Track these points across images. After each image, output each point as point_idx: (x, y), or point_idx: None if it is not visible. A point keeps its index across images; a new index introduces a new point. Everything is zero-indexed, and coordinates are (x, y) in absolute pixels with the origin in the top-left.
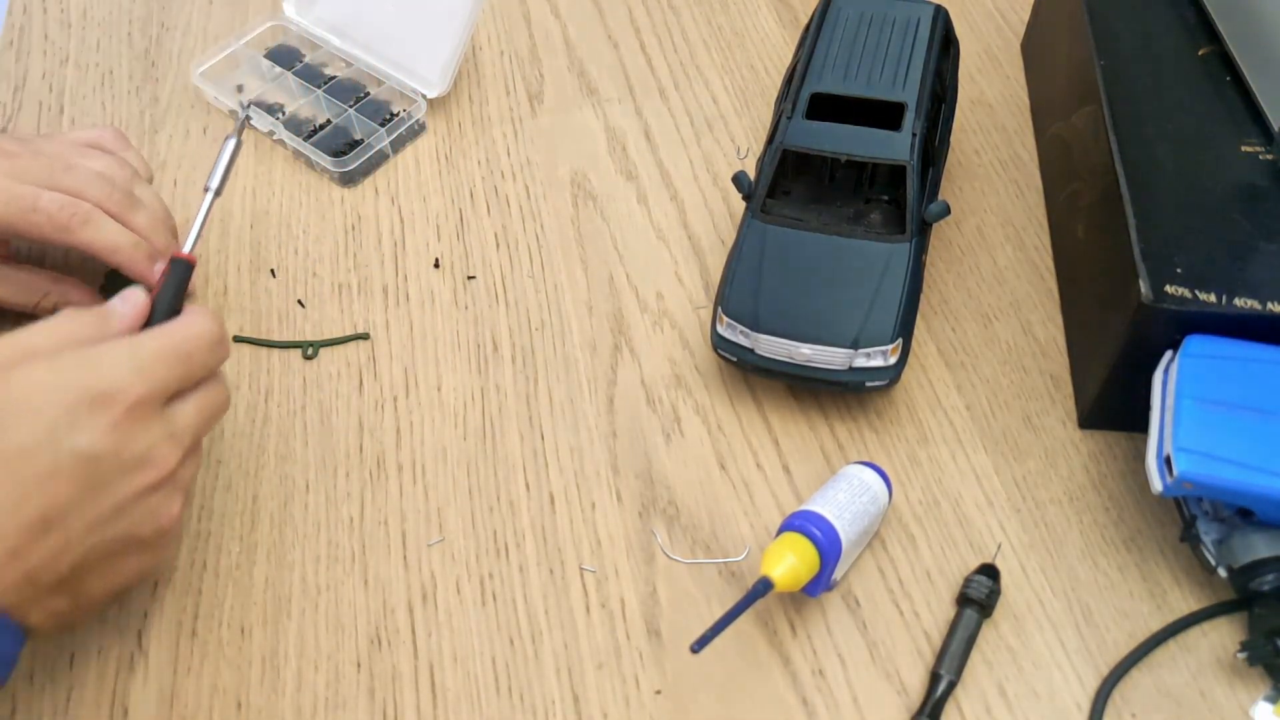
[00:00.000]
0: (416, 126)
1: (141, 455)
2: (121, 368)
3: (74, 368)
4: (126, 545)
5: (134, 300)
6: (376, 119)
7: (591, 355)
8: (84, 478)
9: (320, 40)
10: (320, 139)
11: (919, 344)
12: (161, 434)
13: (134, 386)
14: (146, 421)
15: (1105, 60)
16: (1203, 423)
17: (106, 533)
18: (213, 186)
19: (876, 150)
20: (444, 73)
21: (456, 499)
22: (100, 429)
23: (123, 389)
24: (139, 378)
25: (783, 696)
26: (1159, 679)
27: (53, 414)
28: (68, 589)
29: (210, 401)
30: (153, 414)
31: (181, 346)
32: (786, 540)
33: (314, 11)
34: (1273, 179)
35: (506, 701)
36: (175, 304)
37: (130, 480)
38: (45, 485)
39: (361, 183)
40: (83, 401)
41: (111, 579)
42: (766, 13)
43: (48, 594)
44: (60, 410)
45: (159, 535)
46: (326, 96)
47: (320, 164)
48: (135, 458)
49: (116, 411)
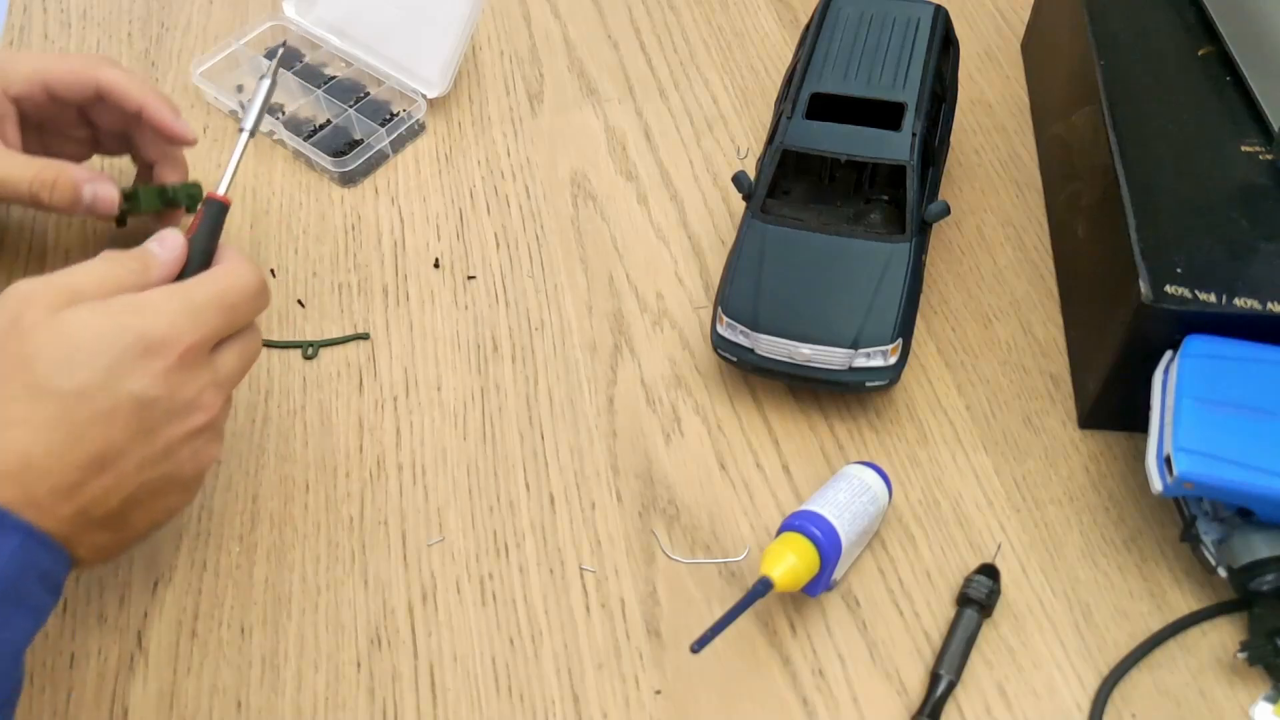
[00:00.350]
0: (416, 126)
1: (191, 400)
2: (174, 315)
3: (128, 313)
4: (170, 484)
5: (172, 244)
6: (376, 119)
7: (591, 355)
8: (138, 420)
9: (320, 40)
10: (320, 139)
11: (919, 344)
12: (209, 380)
13: (186, 334)
14: (196, 368)
15: (1105, 60)
16: (1203, 423)
17: (155, 472)
18: (247, 127)
19: (876, 150)
20: (444, 73)
21: (456, 499)
22: (154, 374)
23: (176, 336)
24: (191, 325)
25: (783, 696)
26: (1159, 679)
27: (109, 358)
28: (114, 524)
29: (249, 349)
30: (201, 361)
31: (228, 296)
32: (786, 540)
33: (314, 11)
34: (1273, 179)
35: (506, 701)
36: (210, 246)
37: (180, 424)
38: (101, 427)
39: (361, 183)
40: (137, 347)
41: (153, 515)
42: (766, 13)
43: (97, 528)
44: (116, 355)
45: (199, 475)
46: (326, 96)
47: (320, 164)
48: (185, 402)
49: (169, 358)
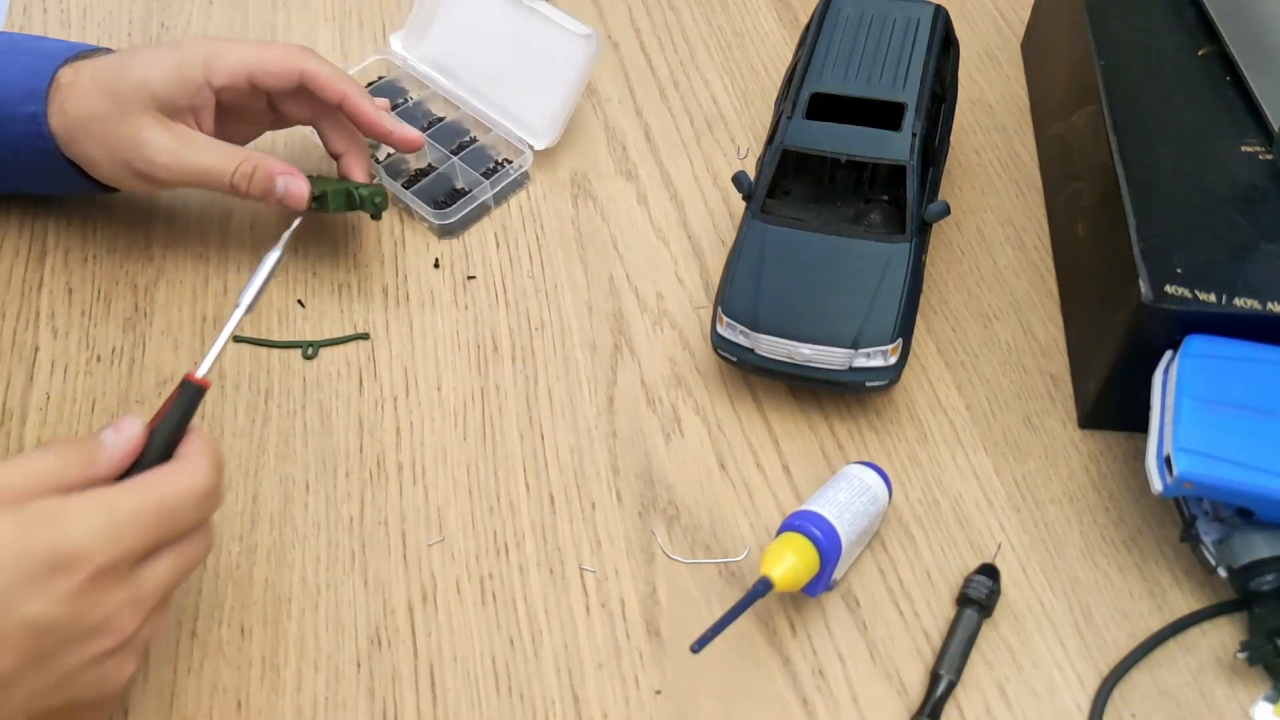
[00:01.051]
0: (521, 179)
1: (98, 623)
2: (91, 529)
3: (39, 524)
4: (69, 709)
5: (128, 435)
6: (479, 168)
7: (591, 355)
8: (32, 647)
9: (425, 79)
10: (421, 187)
11: (919, 344)
12: (124, 600)
13: (101, 552)
14: (109, 588)
15: (1105, 60)
16: (1203, 423)
17: (49, 701)
18: (244, 304)
19: (876, 150)
20: (553, 124)
21: (456, 499)
22: (57, 597)
23: (88, 554)
24: (108, 542)
25: (783, 696)
26: (1159, 679)
27: (8, 577)
28: None
29: (188, 556)
30: (118, 580)
31: (164, 504)
32: (786, 540)
33: (421, 48)
34: (1273, 179)
35: (506, 701)
36: (177, 434)
37: (82, 649)
38: None
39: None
40: (43, 566)
41: None
42: (766, 13)
43: None
44: (17, 573)
45: (107, 698)
46: (430, 141)
47: (420, 213)
48: (91, 626)
49: (78, 578)
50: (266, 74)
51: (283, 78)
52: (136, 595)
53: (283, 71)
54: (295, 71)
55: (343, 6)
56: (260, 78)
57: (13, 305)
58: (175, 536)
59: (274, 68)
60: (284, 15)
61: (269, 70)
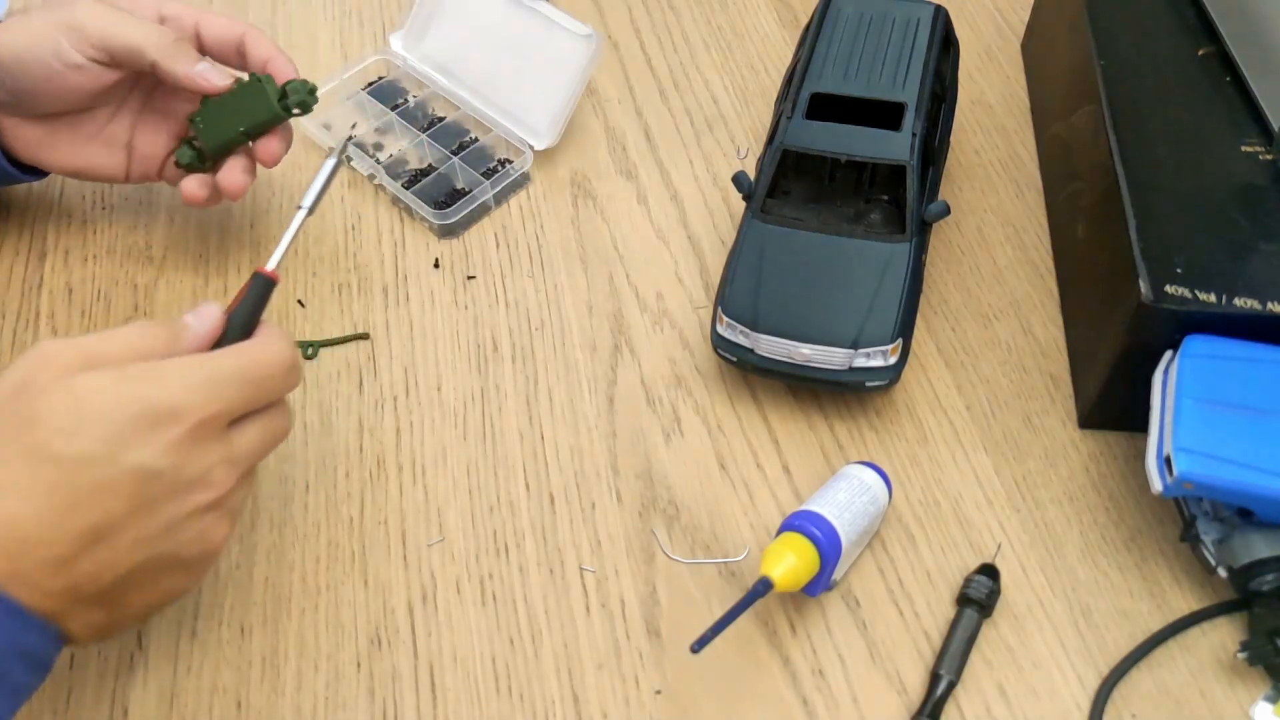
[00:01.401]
0: (521, 179)
1: (197, 477)
2: (190, 386)
3: (141, 380)
4: (171, 564)
5: (208, 316)
6: (479, 168)
7: (591, 355)
8: (138, 494)
9: (426, 79)
10: (421, 187)
11: (919, 344)
12: (220, 456)
13: (200, 406)
14: (207, 443)
15: (1105, 60)
16: (1203, 423)
17: (153, 550)
18: (306, 205)
19: (876, 150)
20: (553, 124)
21: (456, 499)
22: (160, 447)
23: (188, 408)
24: (206, 398)
25: (783, 696)
26: (1159, 679)
27: (115, 426)
28: (107, 602)
29: (273, 428)
30: (215, 435)
31: (253, 370)
32: (786, 540)
33: (421, 48)
34: (1273, 179)
35: (506, 701)
36: (252, 321)
37: (183, 500)
38: (99, 497)
39: (461, 235)
40: (146, 416)
41: (151, 596)
42: (766, 13)
43: (88, 605)
44: (123, 423)
45: (203, 557)
46: (430, 141)
47: (420, 213)
48: (191, 479)
49: (179, 430)
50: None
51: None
52: (231, 454)
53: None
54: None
55: (343, 6)
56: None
57: (13, 305)
58: (264, 404)
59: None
60: (284, 15)
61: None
